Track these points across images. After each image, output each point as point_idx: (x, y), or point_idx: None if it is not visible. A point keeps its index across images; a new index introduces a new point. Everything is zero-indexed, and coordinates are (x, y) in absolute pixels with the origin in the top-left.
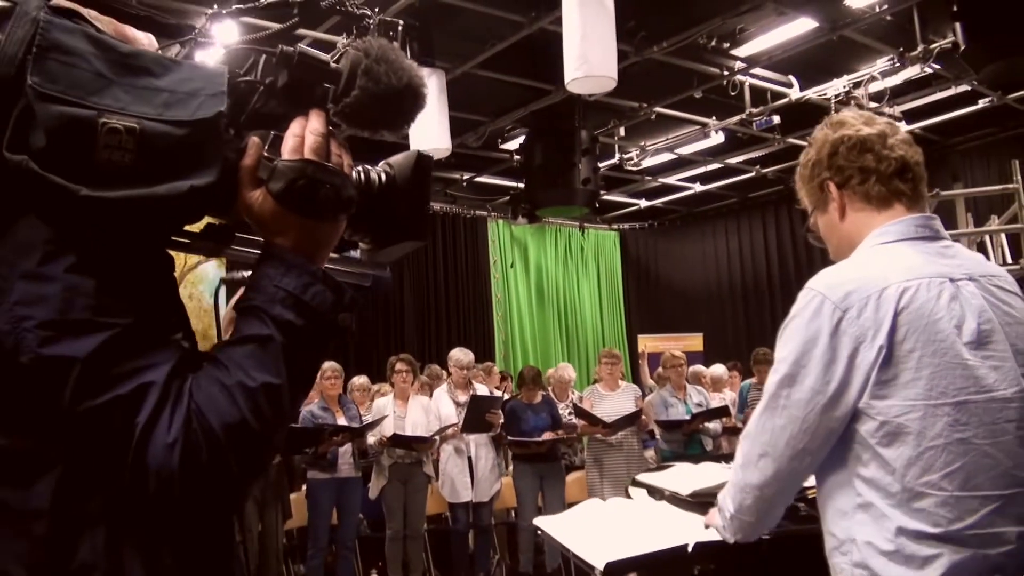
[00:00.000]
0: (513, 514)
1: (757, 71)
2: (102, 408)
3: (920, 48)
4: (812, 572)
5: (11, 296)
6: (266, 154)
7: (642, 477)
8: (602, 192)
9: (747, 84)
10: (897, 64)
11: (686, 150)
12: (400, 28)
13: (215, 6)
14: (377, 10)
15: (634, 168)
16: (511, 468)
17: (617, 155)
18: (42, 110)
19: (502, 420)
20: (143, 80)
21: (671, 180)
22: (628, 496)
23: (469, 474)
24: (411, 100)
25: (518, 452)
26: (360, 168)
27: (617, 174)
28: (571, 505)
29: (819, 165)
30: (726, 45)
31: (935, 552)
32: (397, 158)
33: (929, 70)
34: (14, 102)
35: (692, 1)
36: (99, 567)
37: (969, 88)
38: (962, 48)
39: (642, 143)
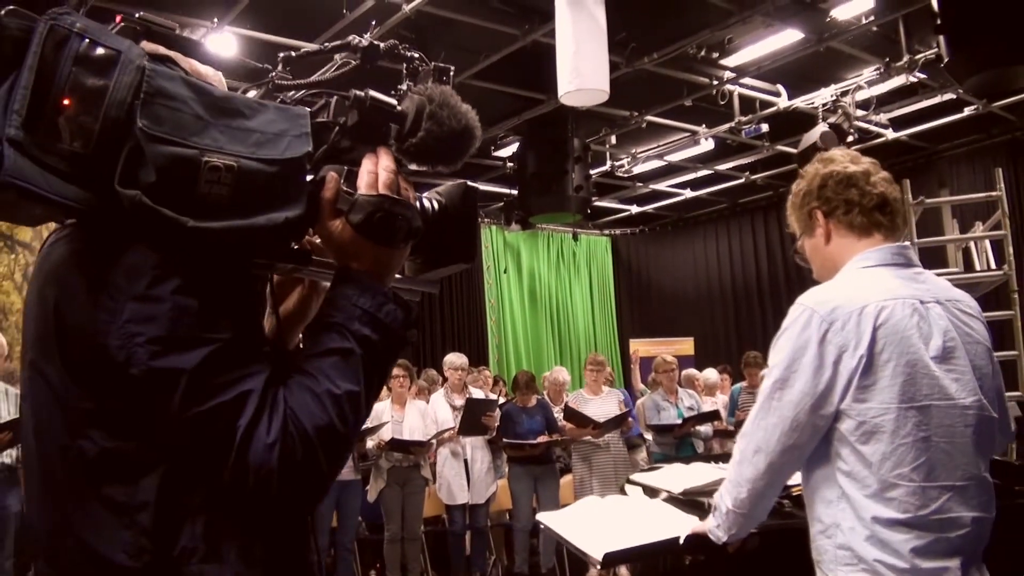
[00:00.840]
0: (508, 516)
1: (746, 80)
2: (207, 413)
3: (906, 58)
4: (793, 562)
5: (123, 316)
6: (344, 188)
7: (636, 476)
8: (594, 198)
9: (736, 93)
10: (883, 73)
11: (676, 157)
12: (451, 72)
13: (288, 52)
14: (374, 23)
15: (625, 175)
16: (507, 470)
17: (608, 162)
18: (151, 150)
19: (498, 423)
20: (236, 121)
21: (661, 186)
22: (624, 493)
23: (465, 476)
24: (468, 141)
25: (513, 455)
26: (419, 198)
27: (608, 180)
28: (565, 506)
29: (809, 195)
30: (715, 55)
31: (904, 537)
32: (446, 188)
33: (915, 79)
34: (123, 142)
35: (681, 13)
36: (198, 552)
37: (955, 96)
38: (945, 60)
39: (633, 150)
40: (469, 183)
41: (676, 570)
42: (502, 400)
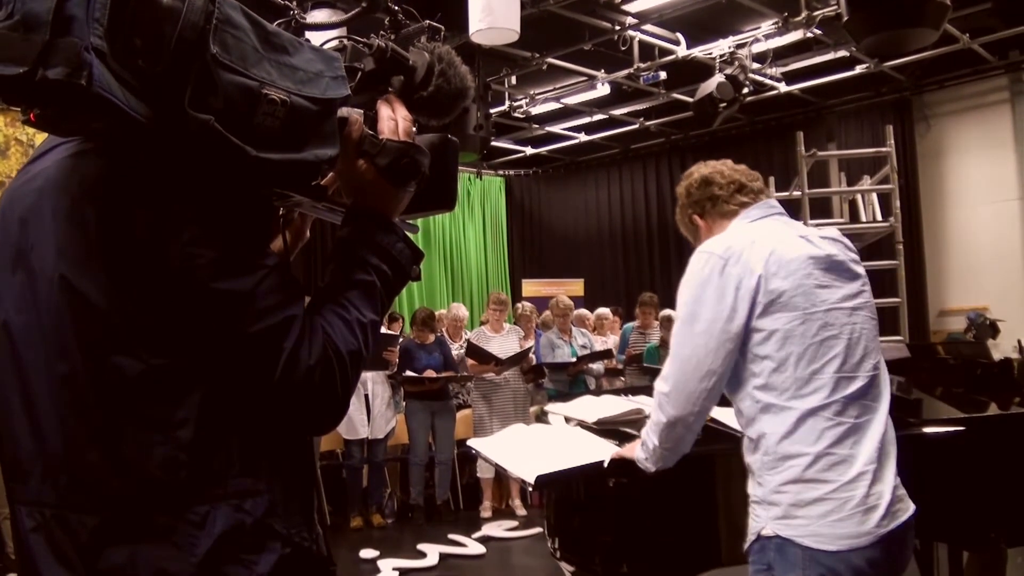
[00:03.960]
0: (403, 450)
1: (646, 27)
2: (257, 334)
3: (804, 14)
4: (703, 482)
5: (183, 236)
6: (368, 131)
7: (551, 407)
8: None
9: (636, 40)
10: (781, 28)
11: (573, 100)
12: (443, 32)
13: None
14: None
15: (521, 116)
16: (404, 406)
17: (507, 102)
18: (222, 77)
19: (397, 359)
20: (283, 57)
21: (556, 129)
22: (546, 422)
23: (365, 411)
24: (465, 99)
25: (411, 390)
26: None
27: (505, 121)
28: (460, 441)
29: (684, 208)
30: (618, 0)
31: (823, 425)
32: (427, 138)
33: (811, 35)
34: (191, 65)
35: None
36: (235, 465)
37: (847, 54)
38: (845, 19)
39: (531, 92)
40: (450, 136)
41: (592, 498)
42: (401, 336)
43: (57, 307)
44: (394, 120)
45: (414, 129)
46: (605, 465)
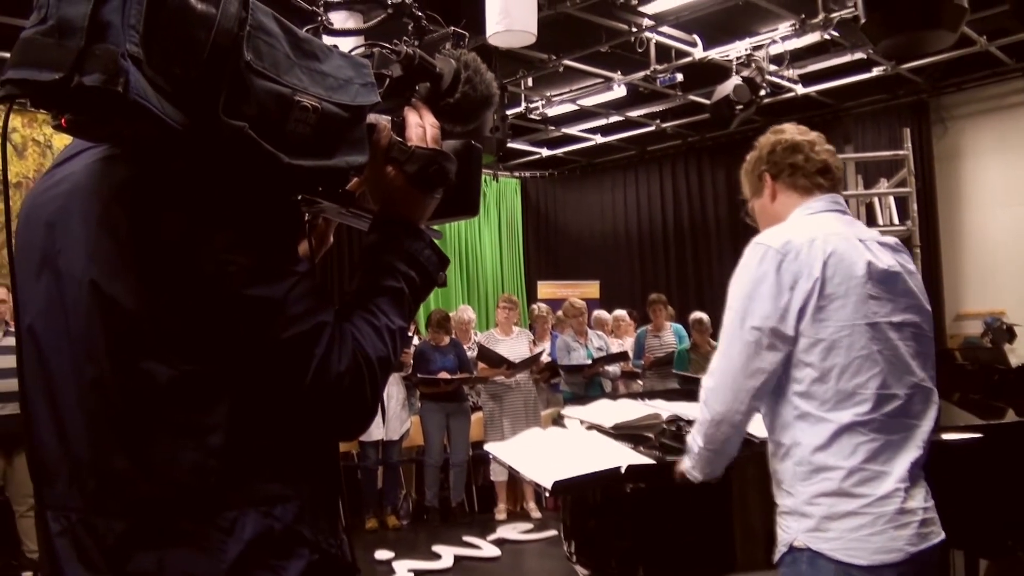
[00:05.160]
0: (418, 452)
1: (663, 29)
2: (289, 340)
3: (821, 16)
4: (719, 487)
5: (217, 243)
6: (397, 138)
7: (568, 411)
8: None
9: (653, 41)
10: (798, 30)
11: (589, 102)
12: (467, 38)
13: None
14: None
15: (538, 118)
16: (420, 407)
17: (523, 104)
18: (255, 84)
19: (412, 360)
20: (314, 64)
21: (573, 130)
22: (562, 426)
23: (381, 413)
24: (491, 106)
25: (426, 391)
26: None
27: (521, 123)
28: (475, 443)
29: (760, 161)
30: (635, 2)
31: (859, 439)
32: (451, 144)
33: (828, 36)
34: (225, 72)
35: None
36: (264, 471)
37: (864, 56)
38: (862, 21)
39: (547, 93)
40: (474, 142)
41: (608, 502)
42: (416, 339)
43: (87, 311)
44: (422, 127)
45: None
46: (623, 471)
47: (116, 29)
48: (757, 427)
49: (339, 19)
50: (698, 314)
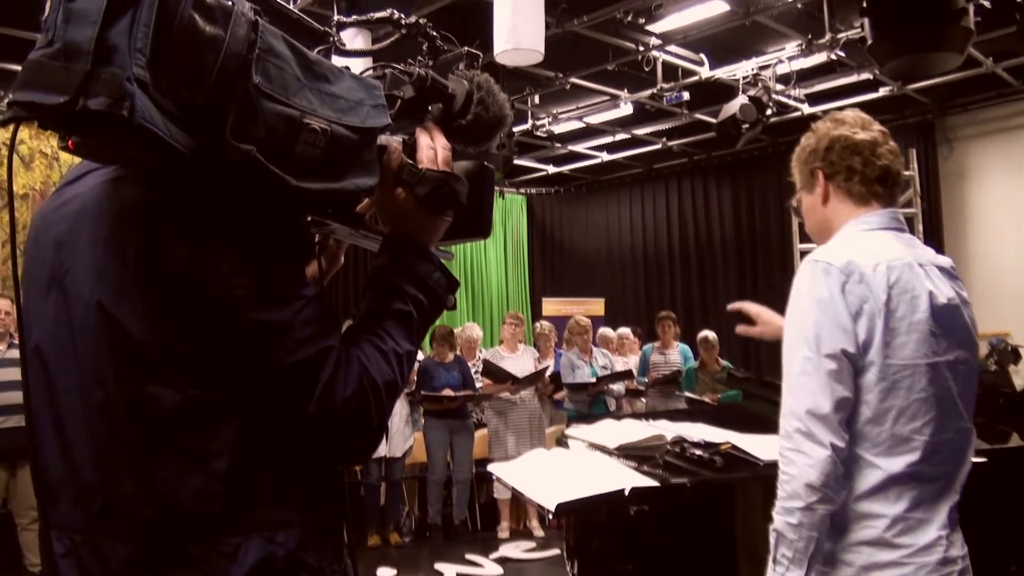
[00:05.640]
0: (421, 469)
1: (671, 48)
2: (295, 365)
3: (828, 36)
4: (723, 511)
5: (223, 266)
6: (407, 160)
7: (571, 431)
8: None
9: (660, 60)
10: (805, 50)
11: (595, 119)
12: (480, 58)
13: (339, 16)
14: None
15: (544, 135)
16: (423, 423)
17: (530, 121)
18: (264, 107)
19: (415, 377)
20: (324, 86)
21: (579, 148)
22: (566, 447)
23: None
24: (504, 126)
25: (430, 408)
26: None
27: (527, 139)
28: (478, 461)
29: (815, 154)
30: (642, 21)
31: (905, 488)
32: (463, 165)
33: (834, 57)
34: (233, 95)
35: None
36: (268, 497)
37: (871, 76)
38: (869, 42)
39: (554, 111)
40: (486, 164)
41: (612, 523)
42: (420, 355)
43: (94, 333)
44: (433, 149)
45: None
46: (626, 493)
47: (122, 52)
48: (760, 449)
49: (348, 37)
50: (705, 332)
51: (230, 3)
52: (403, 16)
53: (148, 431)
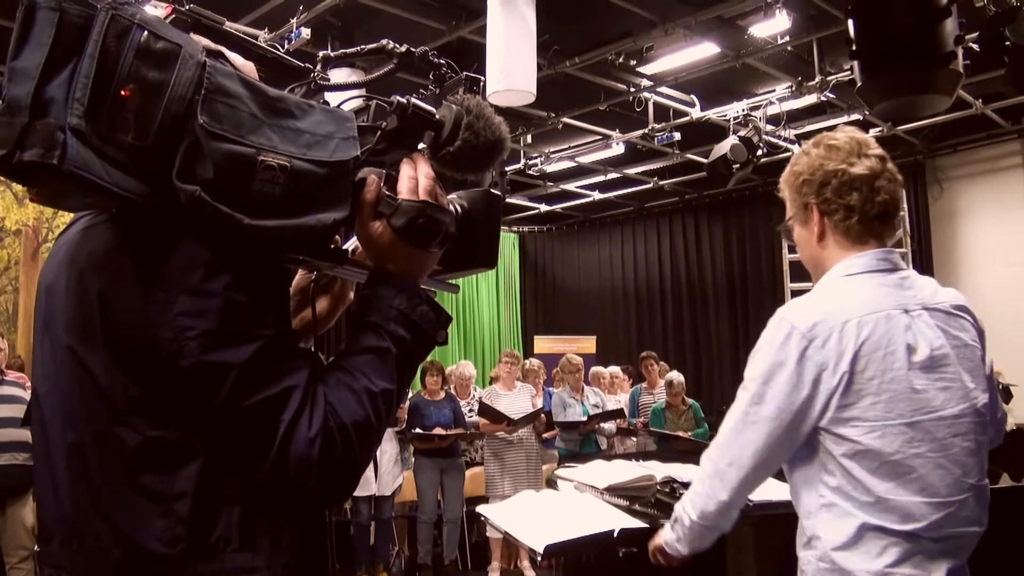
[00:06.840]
0: (411, 508)
1: (662, 89)
2: (254, 407)
3: (817, 78)
4: (713, 553)
5: (175, 308)
6: (386, 191)
7: (561, 472)
8: (507, 196)
9: (651, 101)
10: (795, 91)
11: (587, 159)
12: (481, 83)
13: (325, 51)
14: (301, 8)
15: (536, 173)
16: (413, 462)
17: (522, 160)
18: (210, 147)
19: (406, 415)
20: (288, 122)
21: (571, 187)
22: (536, 488)
23: (373, 467)
24: (500, 152)
25: (420, 447)
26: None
27: (519, 178)
28: (469, 500)
29: (809, 186)
30: (633, 63)
31: (892, 547)
32: (470, 193)
33: (824, 98)
34: (181, 137)
35: (606, 20)
36: (232, 541)
37: (861, 117)
38: (858, 84)
39: (546, 150)
40: (493, 191)
41: (602, 564)
42: (410, 392)
43: (68, 377)
44: (414, 179)
45: (439, 187)
46: (615, 535)
47: (58, 104)
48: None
49: (343, 76)
50: (672, 375)
51: (177, 46)
52: (396, 45)
53: (114, 473)
